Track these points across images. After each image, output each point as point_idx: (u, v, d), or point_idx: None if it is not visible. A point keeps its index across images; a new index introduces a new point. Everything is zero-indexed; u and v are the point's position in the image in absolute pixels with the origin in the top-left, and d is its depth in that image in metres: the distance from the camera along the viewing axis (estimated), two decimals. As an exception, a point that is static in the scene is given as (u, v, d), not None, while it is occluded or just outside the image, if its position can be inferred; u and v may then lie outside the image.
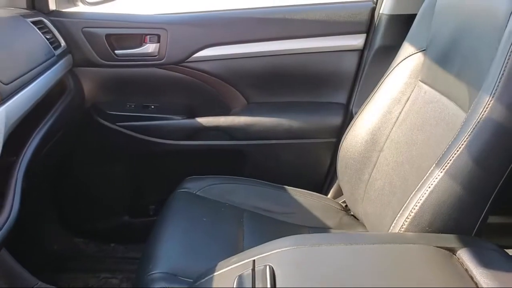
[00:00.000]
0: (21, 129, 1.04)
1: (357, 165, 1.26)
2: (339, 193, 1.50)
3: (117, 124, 1.53)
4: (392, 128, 1.19)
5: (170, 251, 1.07)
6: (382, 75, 1.26)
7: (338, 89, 1.57)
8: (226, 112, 1.59)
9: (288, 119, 1.57)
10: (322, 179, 1.61)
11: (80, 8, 1.53)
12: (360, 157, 1.25)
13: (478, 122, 0.81)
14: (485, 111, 0.80)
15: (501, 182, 0.82)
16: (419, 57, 1.17)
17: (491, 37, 0.85)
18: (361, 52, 1.54)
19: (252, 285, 0.70)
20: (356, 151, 1.26)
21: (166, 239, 1.11)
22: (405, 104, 1.18)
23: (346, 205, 1.38)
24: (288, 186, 1.42)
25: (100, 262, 1.62)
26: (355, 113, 1.32)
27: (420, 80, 1.15)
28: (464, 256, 0.75)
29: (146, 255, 1.08)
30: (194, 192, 1.31)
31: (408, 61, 1.20)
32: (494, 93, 0.80)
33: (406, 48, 1.22)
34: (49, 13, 1.42)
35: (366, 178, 1.23)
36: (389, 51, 1.34)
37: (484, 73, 0.85)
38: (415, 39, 1.21)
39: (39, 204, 1.03)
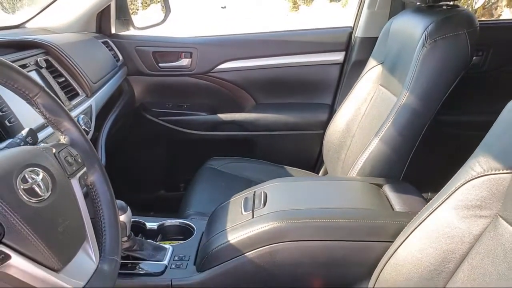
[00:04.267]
0: (100, 116, 1.50)
1: (336, 148, 1.63)
2: (327, 172, 1.86)
3: (159, 118, 1.96)
4: (361, 119, 1.56)
5: (199, 200, 1.51)
6: (356, 82, 1.66)
7: (325, 93, 1.94)
8: (240, 110, 1.98)
9: (287, 115, 1.94)
10: (314, 160, 1.97)
11: (132, 31, 1.98)
12: (338, 142, 1.62)
13: (400, 106, 1.24)
14: (403, 99, 1.24)
15: (415, 145, 1.25)
16: (379, 68, 1.55)
17: (412, 52, 1.27)
18: (342, 65, 1.91)
19: (253, 202, 1.14)
20: (336, 138, 1.63)
21: (197, 193, 1.55)
22: (370, 102, 1.55)
23: (331, 180, 1.76)
24: (287, 166, 1.80)
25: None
26: (337, 111, 1.70)
27: (380, 85, 1.53)
28: (386, 188, 1.18)
29: (183, 203, 1.53)
30: (216, 167, 1.73)
31: (372, 71, 1.58)
32: (409, 88, 1.23)
33: (371, 62, 1.60)
34: (111, 35, 1.88)
35: (342, 158, 1.61)
36: (362, 64, 1.68)
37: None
38: (376, 55, 1.59)
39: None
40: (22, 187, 0.63)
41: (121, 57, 1.85)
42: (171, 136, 1.99)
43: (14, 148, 0.72)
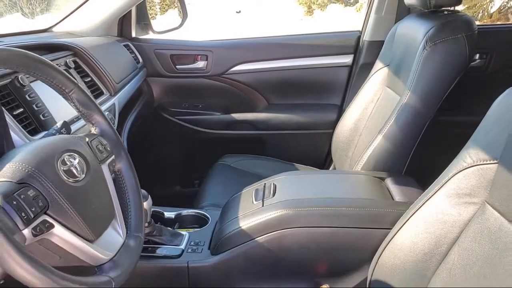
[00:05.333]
0: (121, 114, 1.60)
1: (344, 146, 1.70)
2: (335, 169, 1.94)
3: (176, 117, 2.06)
4: (368, 119, 1.64)
5: (213, 193, 1.60)
6: (364, 84, 1.73)
7: (334, 94, 2.02)
8: (252, 110, 2.07)
9: (298, 115, 2.03)
10: (323, 158, 2.05)
11: (151, 35, 2.09)
12: (346, 141, 1.70)
13: (402, 105, 1.32)
14: (405, 98, 1.32)
15: (417, 142, 1.33)
16: (385, 70, 1.63)
17: (415, 54, 1.35)
18: (350, 67, 1.98)
19: (263, 192, 1.23)
20: (344, 136, 1.71)
21: (211, 187, 1.64)
22: (376, 102, 1.63)
23: (339, 177, 1.84)
24: (297, 163, 1.89)
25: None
26: (346, 111, 1.78)
27: (386, 86, 1.61)
28: (388, 181, 1.26)
29: (198, 195, 1.62)
30: (229, 164, 1.83)
31: (379, 73, 1.66)
32: (410, 88, 1.31)
33: (377, 64, 1.68)
34: (131, 39, 1.99)
35: (350, 155, 1.68)
36: (369, 67, 1.76)
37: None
38: (383, 58, 1.67)
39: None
40: (62, 168, 0.73)
41: (141, 60, 1.96)
42: (187, 135, 2.09)
43: (53, 136, 0.82)
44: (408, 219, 0.95)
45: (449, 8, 1.39)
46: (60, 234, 0.69)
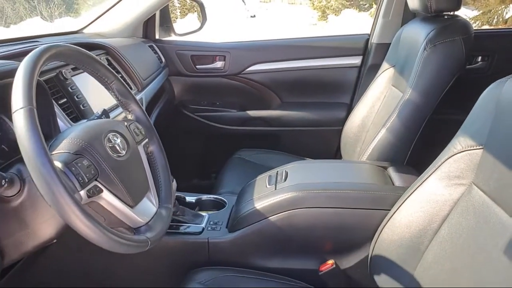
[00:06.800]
0: (147, 109, 1.73)
1: (352, 142, 1.81)
2: None
3: (195, 114, 2.20)
4: (374, 116, 1.74)
5: (229, 182, 1.73)
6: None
7: (344, 93, 2.13)
8: (266, 107, 2.18)
9: (309, 113, 2.14)
10: (333, 154, 2.16)
11: (173, 37, 2.24)
12: (354, 137, 1.80)
13: (404, 100, 1.44)
14: (407, 95, 1.43)
15: (418, 135, 1.44)
16: (391, 71, 1.74)
17: (417, 55, 1.47)
18: (359, 68, 2.09)
19: (276, 178, 1.35)
20: (352, 132, 1.82)
21: (227, 177, 1.77)
22: (382, 100, 1.73)
23: (347, 171, 1.94)
24: (308, 158, 2.01)
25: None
26: (354, 109, 1.89)
27: (391, 85, 1.71)
28: (390, 170, 1.38)
29: (215, 184, 1.75)
30: (245, 158, 1.95)
31: (385, 73, 1.77)
32: (411, 85, 1.42)
33: (384, 65, 1.79)
34: (155, 40, 2.14)
35: (358, 150, 1.78)
36: (377, 67, 1.86)
37: (413, 76, 1.47)
38: (389, 59, 1.78)
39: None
40: (108, 145, 0.87)
41: (163, 60, 2.10)
42: (205, 130, 2.22)
43: (98, 120, 0.96)
44: (405, 200, 1.07)
45: (449, 12, 1.50)
46: (107, 198, 0.83)
